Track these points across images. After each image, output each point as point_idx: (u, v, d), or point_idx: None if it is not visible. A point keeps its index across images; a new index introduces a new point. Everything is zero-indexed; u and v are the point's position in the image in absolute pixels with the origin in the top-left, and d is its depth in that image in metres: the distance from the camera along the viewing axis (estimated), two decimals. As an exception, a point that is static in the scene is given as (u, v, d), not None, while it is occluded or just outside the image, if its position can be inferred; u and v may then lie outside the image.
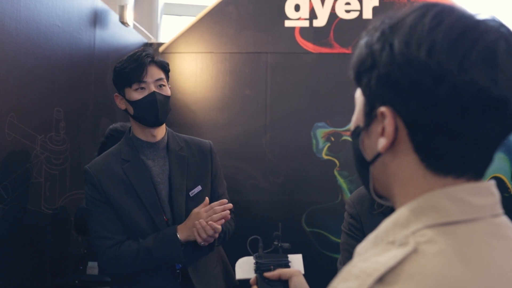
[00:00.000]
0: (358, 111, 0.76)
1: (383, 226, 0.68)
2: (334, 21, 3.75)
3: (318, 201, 3.64)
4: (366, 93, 0.72)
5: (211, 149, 2.17)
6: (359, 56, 0.72)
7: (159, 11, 5.51)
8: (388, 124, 0.67)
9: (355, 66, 0.73)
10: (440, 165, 0.67)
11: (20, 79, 2.20)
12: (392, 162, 0.70)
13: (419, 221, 0.64)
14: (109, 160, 2.03)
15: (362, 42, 0.72)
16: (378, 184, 0.75)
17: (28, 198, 2.26)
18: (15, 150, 2.17)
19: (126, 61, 1.98)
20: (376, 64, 0.68)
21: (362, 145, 0.75)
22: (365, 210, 1.99)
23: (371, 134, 0.72)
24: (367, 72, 0.70)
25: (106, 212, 1.96)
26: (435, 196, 0.65)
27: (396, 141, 0.68)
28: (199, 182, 2.07)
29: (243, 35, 3.81)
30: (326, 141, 3.68)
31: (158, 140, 2.06)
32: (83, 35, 2.87)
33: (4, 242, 2.09)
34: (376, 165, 0.73)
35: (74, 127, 2.72)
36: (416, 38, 0.64)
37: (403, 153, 0.68)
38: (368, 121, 0.72)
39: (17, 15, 2.18)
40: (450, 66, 0.61)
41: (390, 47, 0.66)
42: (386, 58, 0.66)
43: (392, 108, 0.67)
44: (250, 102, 3.75)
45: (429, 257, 0.59)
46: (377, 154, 0.71)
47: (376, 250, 0.65)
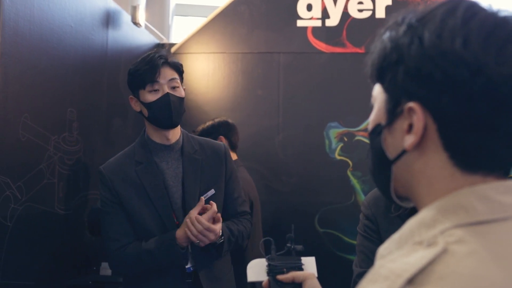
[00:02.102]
0: (378, 108, 0.73)
1: (408, 226, 0.66)
2: (347, 20, 3.73)
3: (331, 202, 3.61)
4: (389, 89, 0.69)
5: (226, 152, 2.15)
6: (382, 51, 0.70)
7: (170, 12, 5.52)
8: (418, 120, 0.65)
9: (377, 62, 0.71)
10: (470, 162, 0.64)
11: (33, 79, 2.21)
12: (418, 160, 0.67)
13: (447, 220, 0.62)
14: (123, 161, 2.04)
15: (385, 36, 0.70)
16: (398, 184, 0.73)
17: (41, 199, 2.27)
18: (29, 151, 2.17)
19: (139, 63, 1.98)
20: (403, 58, 0.66)
21: (385, 143, 0.72)
22: (381, 211, 1.95)
23: (395, 132, 0.70)
24: (392, 67, 0.67)
25: (118, 215, 1.98)
26: (463, 195, 0.63)
27: (424, 138, 0.65)
28: (213, 186, 2.06)
29: (255, 35, 3.80)
30: (339, 141, 3.65)
31: (173, 142, 2.05)
32: (96, 36, 2.87)
33: (18, 243, 2.09)
34: (399, 164, 0.70)
35: (87, 127, 2.72)
36: (449, 30, 0.62)
37: (431, 151, 0.66)
38: (391, 118, 0.70)
39: (30, 16, 2.18)
40: (487, 59, 0.60)
41: (420, 40, 0.64)
42: (415, 51, 0.64)
43: (421, 103, 0.64)
44: (262, 102, 3.73)
45: (460, 257, 0.57)
46: (401, 152, 0.69)
47: (403, 251, 0.63)
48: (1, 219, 1.99)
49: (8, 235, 2.02)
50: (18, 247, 2.10)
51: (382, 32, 0.71)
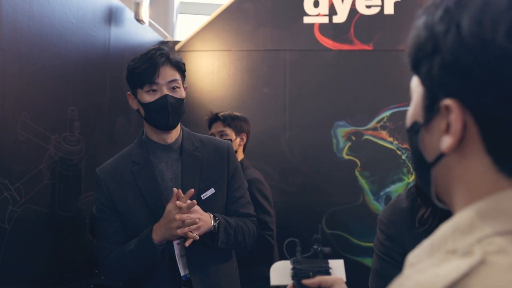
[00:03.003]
0: (416, 104, 0.64)
1: (441, 232, 0.57)
2: (355, 17, 3.65)
3: (339, 202, 3.54)
4: (426, 83, 0.61)
5: (229, 150, 2.07)
6: (416, 39, 0.61)
7: (174, 9, 5.45)
8: (455, 120, 0.56)
9: (412, 52, 0.62)
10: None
11: (33, 77, 2.14)
12: (458, 164, 0.59)
13: (486, 226, 0.53)
14: (120, 162, 1.98)
15: (420, 22, 0.61)
16: (438, 189, 0.64)
17: (41, 201, 2.20)
18: (28, 151, 2.10)
19: (139, 60, 1.89)
20: (439, 48, 0.57)
21: (422, 144, 0.63)
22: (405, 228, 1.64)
23: (433, 131, 0.61)
24: (428, 58, 0.59)
25: (110, 221, 1.93)
26: (505, 198, 0.54)
27: (464, 140, 0.57)
28: (213, 184, 1.97)
29: (261, 32, 3.72)
30: (346, 140, 3.58)
31: (172, 142, 1.98)
32: (98, 33, 2.80)
33: (16, 246, 2.02)
34: (438, 168, 0.62)
35: (89, 126, 2.65)
36: (491, 16, 0.53)
37: (472, 154, 0.57)
38: (428, 116, 0.61)
39: (30, 11, 2.11)
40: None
41: (457, 27, 0.55)
42: (452, 41, 0.55)
43: (460, 101, 0.56)
44: (269, 100, 3.66)
45: (500, 270, 0.49)
46: (439, 155, 0.61)
47: (434, 260, 0.54)
48: (-1, 222, 1.92)
49: (6, 238, 1.95)
50: (17, 251, 2.03)
51: (418, 15, 0.62)
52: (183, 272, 1.89)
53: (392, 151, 3.52)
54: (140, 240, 1.85)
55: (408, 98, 2.66)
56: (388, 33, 3.61)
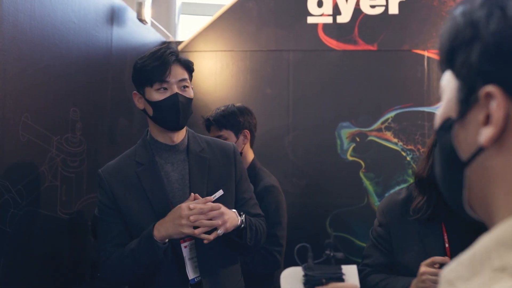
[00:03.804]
0: (448, 100, 0.60)
1: (482, 246, 0.52)
2: (359, 17, 3.62)
3: (343, 204, 3.50)
4: (462, 74, 0.56)
5: (235, 152, 2.04)
6: (452, 28, 0.57)
7: (177, 9, 5.43)
8: (498, 108, 0.52)
9: (446, 43, 0.58)
10: None
11: (34, 78, 2.11)
12: (498, 161, 0.54)
13: None
14: (123, 163, 1.95)
15: (457, 12, 0.57)
16: (472, 194, 0.59)
17: (43, 203, 2.16)
18: (29, 152, 2.07)
19: (148, 58, 1.86)
20: (479, 34, 0.53)
21: (456, 141, 0.59)
22: (396, 217, 1.91)
23: (469, 126, 0.57)
24: (465, 47, 0.55)
25: (113, 223, 1.89)
26: None
27: (506, 133, 0.53)
28: (221, 186, 1.94)
29: (264, 32, 3.69)
30: (351, 141, 3.54)
31: (178, 142, 1.94)
32: (100, 33, 2.77)
33: (19, 248, 1.99)
34: (473, 167, 0.57)
35: (91, 128, 2.62)
36: None
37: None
38: (464, 109, 0.57)
39: (31, 10, 2.08)
40: None
41: (502, 10, 0.52)
42: (495, 25, 0.52)
43: (503, 87, 0.51)
44: (272, 101, 3.63)
45: None
46: (477, 150, 0.55)
47: (480, 279, 0.49)
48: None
49: (7, 241, 1.92)
50: (18, 254, 2.00)
51: (453, 8, 0.58)
52: (192, 276, 1.86)
53: (397, 152, 3.49)
54: (141, 238, 1.81)
55: (413, 98, 2.63)
56: (393, 33, 3.58)
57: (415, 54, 3.54)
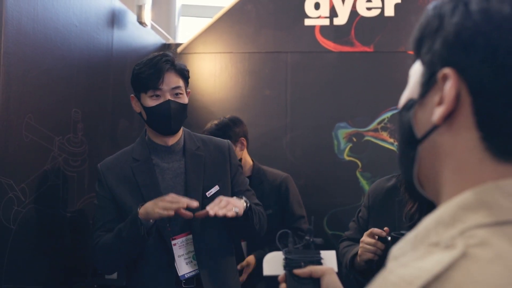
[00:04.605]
0: (413, 84, 0.66)
1: (424, 225, 0.58)
2: (355, 19, 3.67)
3: (340, 203, 3.56)
4: (426, 60, 0.63)
5: (229, 148, 2.11)
6: (424, 21, 0.64)
7: (176, 11, 5.48)
8: (451, 88, 0.57)
9: (418, 33, 0.64)
10: (504, 146, 0.57)
11: (37, 79, 2.17)
12: (447, 139, 0.60)
13: (468, 219, 0.54)
14: (121, 158, 2.04)
15: (430, 7, 0.64)
16: (423, 170, 0.65)
17: (46, 201, 2.22)
18: (32, 152, 2.13)
19: (144, 65, 1.93)
20: (443, 25, 0.59)
21: (414, 119, 0.64)
22: (378, 203, 2.01)
23: (426, 106, 0.62)
24: (431, 36, 0.61)
25: (108, 209, 1.99)
26: (487, 190, 0.55)
27: (456, 113, 0.58)
28: (217, 182, 2.02)
29: (263, 34, 3.75)
30: (348, 141, 3.60)
31: (173, 143, 2.01)
32: (101, 35, 2.83)
33: (21, 246, 2.05)
34: (425, 144, 0.63)
35: (92, 128, 2.68)
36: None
37: (462, 128, 0.58)
38: (424, 91, 0.63)
39: (34, 14, 2.14)
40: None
41: (465, 4, 0.58)
42: (458, 17, 0.58)
43: (457, 70, 0.57)
44: (270, 102, 3.68)
45: (482, 263, 0.49)
46: (431, 128, 0.61)
47: (417, 253, 0.55)
48: (4, 222, 1.95)
49: (11, 238, 1.98)
50: (22, 251, 2.06)
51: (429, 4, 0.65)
52: (183, 272, 1.92)
53: (393, 152, 3.54)
54: (128, 218, 1.88)
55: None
56: (389, 35, 3.63)
57: (411, 55, 3.58)
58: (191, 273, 1.93)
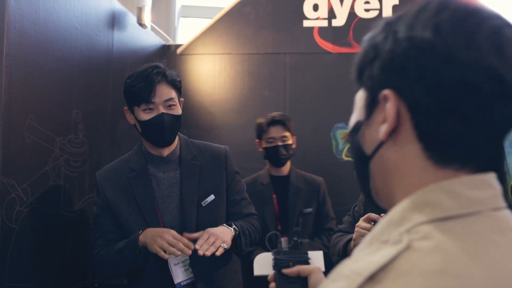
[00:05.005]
0: (359, 108, 0.74)
1: (379, 226, 0.66)
2: (353, 20, 3.70)
3: (339, 203, 3.58)
4: (367, 85, 0.70)
5: (226, 155, 2.11)
6: (361, 51, 0.72)
7: (176, 13, 5.51)
8: (391, 106, 0.65)
9: (358, 63, 0.72)
10: (443, 153, 0.64)
11: (38, 81, 2.19)
12: (393, 153, 0.67)
13: (414, 218, 0.62)
14: (118, 167, 2.06)
15: (366, 39, 0.72)
16: (377, 183, 0.71)
17: (47, 201, 2.25)
18: (34, 153, 2.15)
19: (135, 78, 1.92)
20: (378, 53, 0.67)
21: (363, 139, 0.72)
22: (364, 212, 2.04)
23: (372, 125, 0.70)
24: (370, 64, 0.69)
25: (106, 220, 2.01)
26: (430, 191, 0.63)
27: (399, 129, 0.65)
28: (213, 191, 2.03)
29: (262, 35, 3.78)
30: (346, 142, 3.62)
31: (169, 154, 2.02)
32: (101, 37, 2.86)
33: (23, 245, 2.07)
34: (375, 160, 0.70)
35: (93, 129, 2.71)
36: (421, 21, 0.64)
37: (405, 142, 0.65)
38: (369, 111, 0.70)
39: (35, 17, 2.17)
40: (457, 44, 0.60)
41: (394, 34, 0.65)
42: (389, 45, 0.65)
43: (395, 91, 0.65)
44: (269, 103, 3.71)
45: (423, 253, 0.57)
46: (378, 145, 0.68)
47: (370, 250, 0.62)
48: (6, 221, 1.98)
49: (13, 238, 2.01)
50: (24, 250, 2.08)
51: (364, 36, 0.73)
52: (178, 280, 1.95)
53: (391, 152, 3.56)
54: (129, 240, 1.92)
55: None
56: (387, 36, 3.66)
57: (409, 56, 3.62)
58: (187, 281, 1.95)
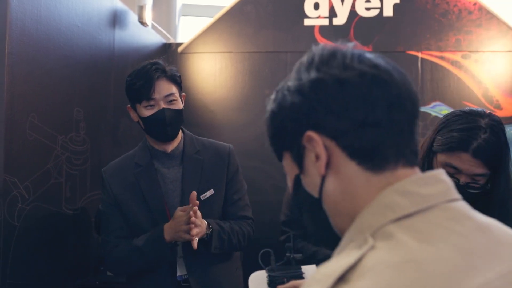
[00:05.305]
0: (290, 169, 0.78)
1: (347, 235, 0.70)
2: (354, 19, 3.71)
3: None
4: (288, 144, 0.76)
5: (229, 153, 2.12)
6: (268, 126, 0.80)
7: (176, 11, 5.51)
8: (317, 142, 0.70)
9: (270, 136, 0.80)
10: (375, 160, 0.69)
11: (40, 79, 2.20)
12: (336, 181, 0.71)
13: (376, 221, 0.66)
14: (124, 164, 2.06)
15: (266, 117, 0.80)
16: (336, 217, 0.75)
17: (49, 199, 2.26)
18: (36, 151, 2.16)
19: (135, 76, 1.94)
20: (284, 111, 0.75)
21: (307, 187, 0.75)
22: None
23: (308, 171, 0.74)
24: (281, 126, 0.76)
25: (116, 216, 2.00)
26: (385, 195, 0.68)
27: (331, 158, 0.70)
28: (213, 186, 2.04)
29: (262, 34, 3.78)
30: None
31: (173, 149, 2.04)
32: (103, 35, 2.86)
33: (25, 242, 2.09)
34: (325, 197, 0.73)
35: (94, 127, 2.72)
36: (302, 71, 0.75)
37: (342, 166, 0.70)
38: (300, 162, 0.75)
39: (37, 15, 2.18)
40: (337, 70, 0.71)
41: (287, 89, 0.75)
42: (289, 99, 0.74)
43: (314, 130, 0.70)
44: (270, 101, 3.71)
45: (385, 249, 0.62)
46: (321, 183, 0.72)
47: (340, 256, 0.67)
48: (8, 219, 1.99)
49: (15, 235, 2.02)
50: (26, 247, 2.09)
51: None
52: (179, 273, 1.97)
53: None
54: (150, 238, 1.92)
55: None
56: (387, 35, 3.67)
57: (409, 55, 3.64)
58: (186, 275, 1.97)
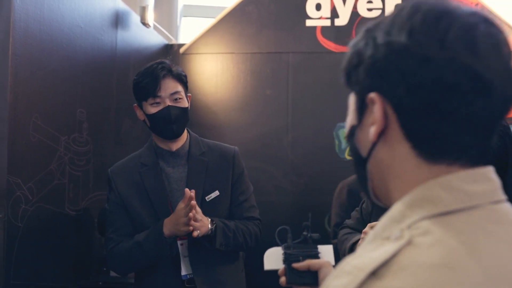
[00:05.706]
0: (351, 112, 0.75)
1: (381, 224, 0.67)
2: (356, 19, 3.70)
3: (341, 202, 3.59)
4: (356, 90, 0.72)
5: (235, 155, 2.13)
6: (346, 58, 0.74)
7: (178, 12, 5.52)
8: (377, 109, 0.67)
9: (344, 69, 0.74)
10: (431, 150, 0.65)
11: (43, 80, 2.21)
12: (386, 153, 0.68)
13: (414, 214, 0.63)
14: (130, 163, 2.08)
15: (349, 45, 0.74)
16: (376, 184, 0.73)
17: (52, 199, 2.27)
18: (39, 152, 2.17)
19: (142, 75, 1.98)
20: (362, 59, 0.69)
21: (358, 142, 0.73)
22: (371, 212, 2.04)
23: (364, 128, 0.71)
24: (355, 70, 0.71)
25: (119, 214, 2.02)
26: (428, 187, 0.64)
27: (387, 129, 0.67)
28: (218, 187, 2.05)
29: (264, 35, 3.78)
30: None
31: (178, 148, 2.05)
32: (105, 36, 2.87)
33: (29, 243, 2.09)
34: (372, 161, 0.71)
35: (97, 128, 2.72)
36: (396, 26, 0.66)
37: (395, 142, 0.67)
38: (360, 115, 0.72)
39: (40, 16, 2.18)
40: (431, 45, 0.63)
41: (374, 40, 0.68)
42: (370, 50, 0.68)
43: (380, 94, 0.67)
44: (272, 102, 3.72)
45: (423, 247, 0.58)
46: (371, 147, 0.70)
47: (372, 246, 0.63)
48: (12, 220, 1.99)
49: (19, 236, 2.02)
50: (29, 248, 2.10)
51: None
52: (184, 272, 1.97)
53: (393, 151, 3.57)
54: (150, 233, 1.94)
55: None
56: (389, 36, 3.66)
57: (411, 56, 3.63)
58: (191, 274, 1.98)
